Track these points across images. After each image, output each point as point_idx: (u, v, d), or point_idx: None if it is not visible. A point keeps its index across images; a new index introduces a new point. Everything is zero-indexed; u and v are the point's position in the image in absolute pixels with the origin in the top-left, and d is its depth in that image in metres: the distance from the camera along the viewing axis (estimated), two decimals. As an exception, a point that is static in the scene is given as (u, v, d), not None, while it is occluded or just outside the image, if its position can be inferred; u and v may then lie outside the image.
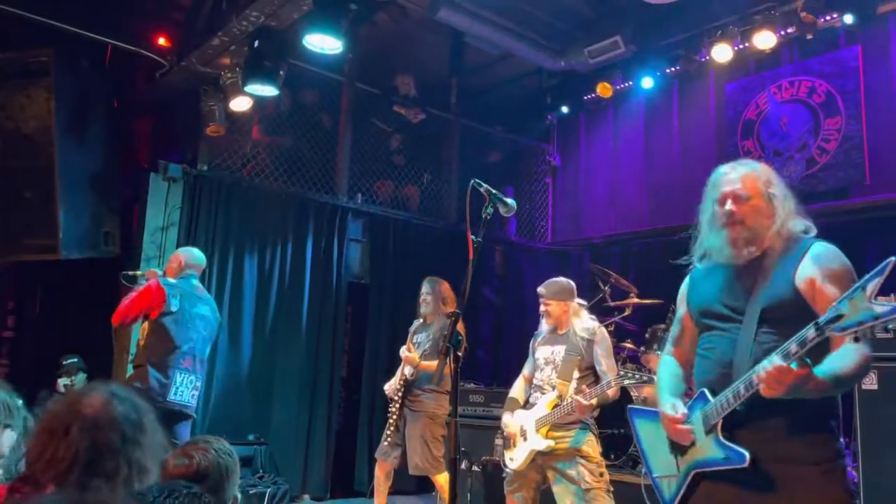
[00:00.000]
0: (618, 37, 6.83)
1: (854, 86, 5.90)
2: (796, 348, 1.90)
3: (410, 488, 6.96)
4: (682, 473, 2.24)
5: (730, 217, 2.21)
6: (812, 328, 1.88)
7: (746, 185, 2.23)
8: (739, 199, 2.22)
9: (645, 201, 7.47)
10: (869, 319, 1.74)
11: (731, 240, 2.22)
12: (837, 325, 1.81)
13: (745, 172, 2.26)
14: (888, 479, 3.97)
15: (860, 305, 1.76)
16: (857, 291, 1.78)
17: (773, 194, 2.23)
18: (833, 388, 2.00)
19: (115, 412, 1.57)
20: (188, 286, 4.66)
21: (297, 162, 6.83)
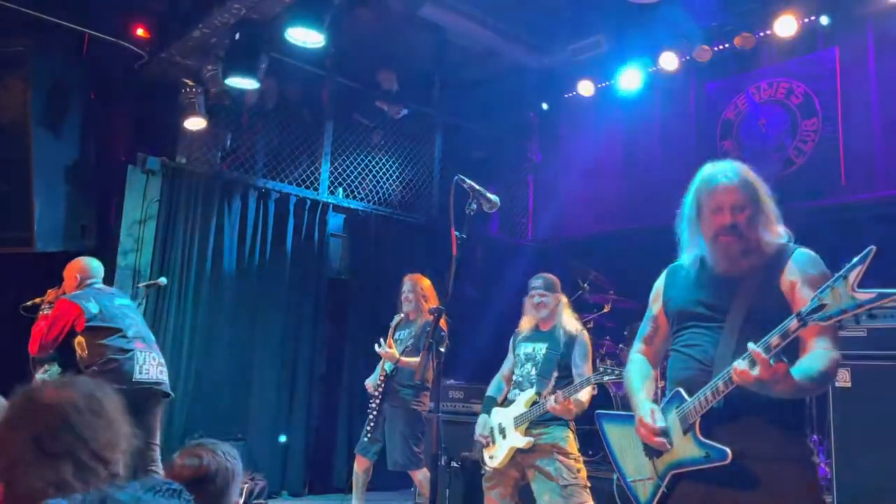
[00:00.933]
0: (600, 35, 6.87)
1: (831, 88, 5.99)
2: (778, 339, 1.92)
3: (389, 484, 6.96)
4: (659, 475, 2.23)
5: (729, 230, 2.17)
6: (794, 319, 1.90)
7: (744, 194, 2.19)
8: (737, 209, 2.17)
9: (625, 199, 7.52)
10: (852, 307, 1.76)
11: (729, 254, 2.19)
12: (820, 315, 1.82)
13: (741, 180, 2.20)
14: (862, 476, 4.03)
15: (842, 294, 1.78)
16: (838, 281, 1.80)
17: (763, 202, 2.22)
18: (799, 391, 2.00)
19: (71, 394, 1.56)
20: (95, 290, 4.59)
21: (278, 156, 6.79)
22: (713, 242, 2.21)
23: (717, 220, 2.19)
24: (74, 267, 4.68)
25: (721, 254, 2.20)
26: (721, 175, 2.23)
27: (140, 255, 5.97)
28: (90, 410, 1.55)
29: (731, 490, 2.07)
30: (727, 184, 2.20)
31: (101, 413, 1.57)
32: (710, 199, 2.22)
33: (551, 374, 3.83)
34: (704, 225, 2.24)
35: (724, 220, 2.18)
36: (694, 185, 2.31)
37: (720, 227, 2.18)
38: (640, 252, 7.10)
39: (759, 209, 2.20)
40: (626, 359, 5.66)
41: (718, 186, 2.21)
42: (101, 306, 4.43)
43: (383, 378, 4.92)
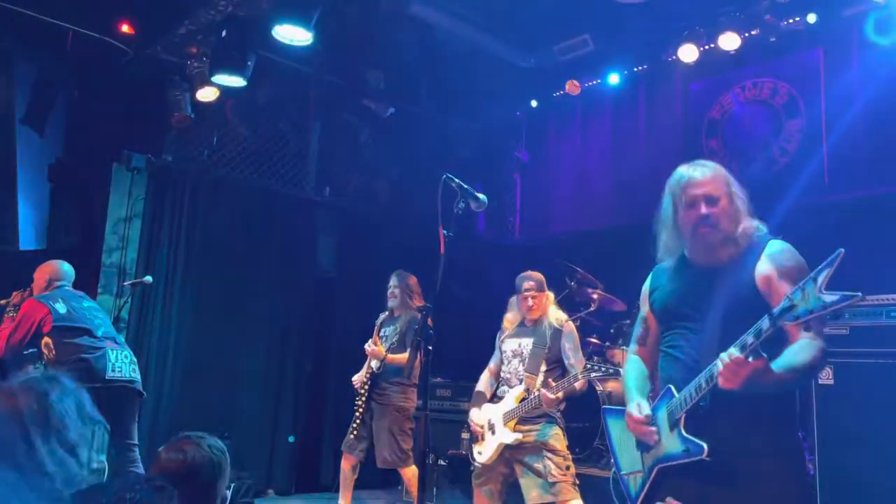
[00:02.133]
0: (586, 35, 6.90)
1: (815, 88, 6.05)
2: (753, 339, 1.96)
3: (376, 482, 6.96)
4: (646, 469, 2.29)
5: (705, 220, 2.22)
6: (766, 319, 1.94)
7: (715, 186, 2.25)
8: (711, 201, 2.23)
9: (612, 198, 7.55)
10: (819, 308, 1.80)
11: (707, 244, 2.24)
12: (790, 315, 1.87)
13: (712, 174, 2.27)
14: (844, 472, 4.09)
15: (811, 295, 1.82)
16: (808, 283, 1.84)
17: (735, 194, 2.27)
18: (790, 381, 2.04)
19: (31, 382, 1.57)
20: (63, 291, 4.57)
21: (265, 154, 6.76)
22: (692, 236, 2.27)
23: (693, 214, 2.24)
24: (45, 269, 4.66)
25: (700, 245, 2.26)
26: (692, 171, 2.29)
27: (125, 253, 5.93)
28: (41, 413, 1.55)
29: (721, 487, 2.10)
30: (699, 178, 2.26)
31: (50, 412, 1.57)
32: (684, 195, 2.27)
33: (538, 369, 3.85)
34: (682, 221, 2.29)
35: (699, 211, 2.23)
36: (668, 186, 2.36)
37: (697, 218, 2.23)
38: (627, 250, 7.13)
39: (731, 201, 2.25)
40: (611, 356, 5.71)
41: (691, 181, 2.27)
42: (69, 307, 4.40)
43: (369, 375, 4.92)
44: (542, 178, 8.40)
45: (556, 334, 3.92)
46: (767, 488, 2.06)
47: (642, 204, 6.84)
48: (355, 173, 7.52)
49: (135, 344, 5.79)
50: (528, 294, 4.00)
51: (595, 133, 7.88)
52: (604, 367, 3.75)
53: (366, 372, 4.98)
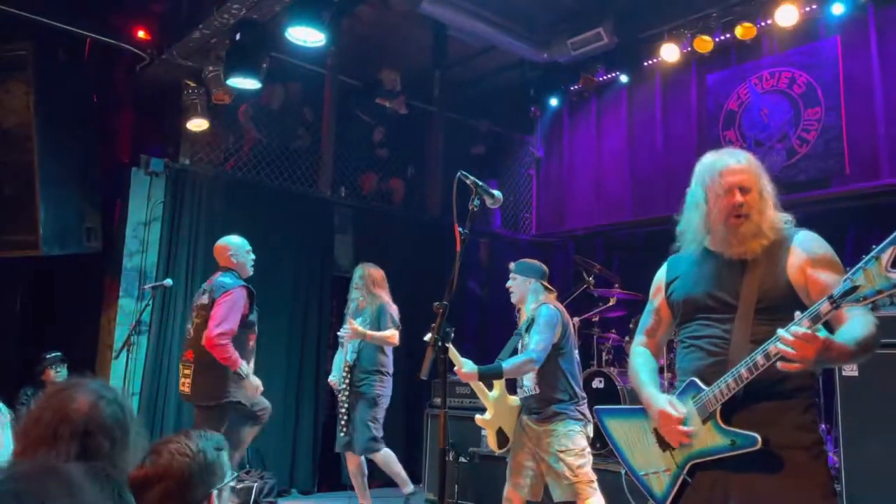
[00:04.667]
0: (600, 28, 6.85)
1: (833, 76, 5.97)
2: (808, 323, 1.89)
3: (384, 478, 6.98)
4: (678, 466, 2.22)
5: (739, 209, 2.17)
6: (826, 301, 1.88)
7: (750, 176, 2.20)
8: (745, 191, 2.18)
9: (628, 192, 7.50)
10: (888, 287, 1.76)
11: (740, 233, 2.18)
12: (855, 296, 1.81)
13: (747, 163, 2.22)
14: (869, 464, 4.04)
15: (876, 275, 1.78)
16: (870, 262, 1.79)
17: (765, 186, 2.22)
18: (856, 354, 1.96)
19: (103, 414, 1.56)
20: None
21: (281, 155, 6.80)
22: (724, 224, 2.20)
23: (727, 202, 2.18)
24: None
25: (732, 235, 2.19)
26: (727, 158, 2.24)
27: (145, 256, 5.99)
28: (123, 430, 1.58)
29: (744, 475, 2.08)
30: (735, 166, 2.21)
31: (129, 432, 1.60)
32: (718, 182, 2.21)
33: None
34: (713, 209, 2.23)
35: (733, 200, 2.17)
36: (698, 173, 2.30)
37: (731, 206, 2.17)
38: (644, 245, 7.13)
39: (762, 193, 2.21)
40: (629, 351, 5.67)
41: (726, 169, 2.21)
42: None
43: (348, 370, 4.99)
44: (558, 174, 8.36)
45: (531, 321, 3.90)
46: (796, 479, 2.04)
47: (658, 198, 6.86)
48: (371, 173, 7.55)
49: (156, 346, 5.86)
50: (510, 282, 4.06)
51: (610, 127, 7.83)
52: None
53: (343, 368, 5.04)
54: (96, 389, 1.61)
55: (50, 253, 5.57)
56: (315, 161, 7.00)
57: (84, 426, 1.52)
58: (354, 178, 7.36)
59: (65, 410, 1.54)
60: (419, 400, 6.87)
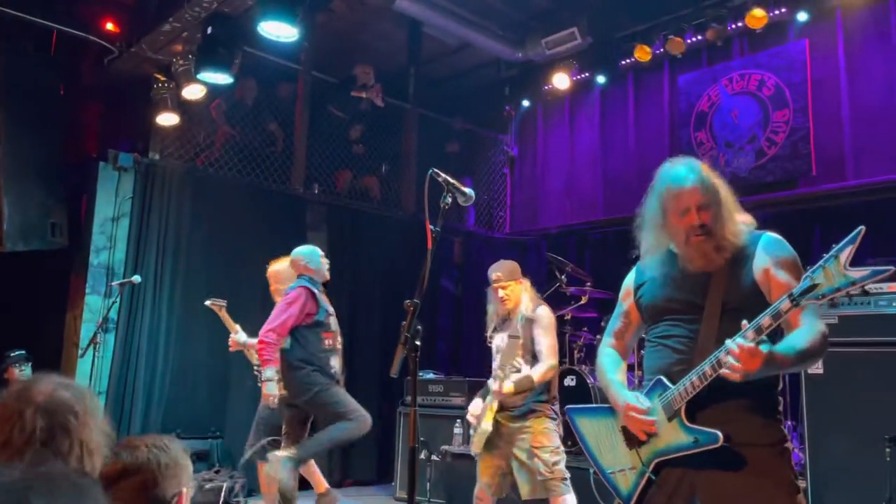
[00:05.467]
0: (574, 28, 6.90)
1: (801, 79, 6.07)
2: (769, 321, 1.94)
3: (370, 478, 6.97)
4: (643, 464, 2.25)
5: (699, 230, 2.18)
6: (786, 299, 1.92)
7: (706, 193, 2.20)
8: (703, 207, 2.18)
9: (600, 191, 7.56)
10: (846, 285, 1.80)
11: (703, 251, 2.19)
12: (814, 293, 1.85)
13: (701, 181, 2.21)
14: (833, 460, 4.12)
15: (835, 273, 1.82)
16: (829, 261, 1.83)
17: (723, 196, 2.24)
18: (798, 364, 2.04)
19: (64, 396, 1.63)
20: None
21: (253, 151, 6.73)
22: (685, 244, 2.22)
23: (685, 222, 2.20)
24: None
25: (695, 253, 2.21)
26: (681, 177, 2.23)
27: (113, 253, 5.90)
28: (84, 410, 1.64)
29: (709, 473, 2.11)
30: (689, 186, 2.20)
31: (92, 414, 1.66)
32: (674, 203, 2.22)
33: (511, 362, 3.83)
34: (671, 228, 2.25)
35: (692, 220, 2.19)
36: (655, 189, 2.30)
37: (690, 227, 2.19)
38: (616, 244, 7.19)
39: (721, 204, 2.22)
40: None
41: (682, 189, 2.21)
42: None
43: (257, 368, 4.75)
44: (532, 173, 8.40)
45: (528, 323, 3.89)
46: (761, 477, 2.07)
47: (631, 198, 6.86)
48: (345, 170, 7.50)
49: (124, 344, 5.77)
50: (496, 286, 3.96)
51: (583, 127, 7.89)
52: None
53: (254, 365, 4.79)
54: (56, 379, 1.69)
55: (13, 248, 5.45)
56: (288, 157, 6.94)
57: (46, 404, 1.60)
58: (328, 175, 7.31)
59: (27, 393, 1.61)
60: (392, 398, 6.87)
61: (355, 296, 7.19)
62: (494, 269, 4.02)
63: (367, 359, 7.12)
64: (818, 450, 4.20)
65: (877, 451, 3.86)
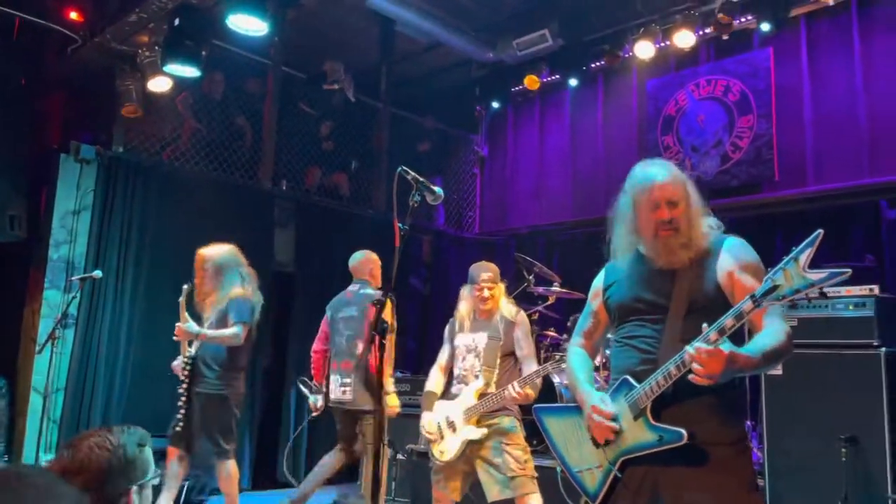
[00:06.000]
0: (545, 30, 6.94)
1: (765, 86, 6.19)
2: (732, 321, 1.98)
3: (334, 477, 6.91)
4: (609, 462, 2.27)
5: (668, 224, 2.23)
6: (748, 300, 1.96)
7: (676, 189, 2.25)
8: (672, 204, 2.24)
9: (569, 193, 7.63)
10: (805, 286, 1.84)
11: (668, 247, 2.24)
12: (775, 295, 1.89)
13: (672, 177, 2.27)
14: (791, 459, 4.21)
15: (794, 275, 1.86)
16: (789, 263, 1.87)
17: (692, 195, 2.29)
18: (763, 364, 2.07)
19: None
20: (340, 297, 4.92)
21: (221, 145, 6.63)
22: (653, 238, 2.27)
23: (655, 217, 2.25)
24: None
25: (662, 248, 2.26)
26: (654, 173, 2.29)
27: (73, 247, 5.76)
28: None
29: (672, 470, 2.14)
30: (661, 181, 2.26)
31: None
32: (646, 197, 2.27)
33: (495, 363, 3.83)
34: (642, 223, 2.30)
35: (661, 215, 2.24)
36: (627, 186, 2.36)
37: (659, 222, 2.24)
38: (584, 245, 7.25)
39: (689, 204, 2.27)
40: (568, 349, 5.74)
41: (654, 184, 2.26)
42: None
43: (188, 360, 4.46)
44: (502, 173, 8.44)
45: (510, 326, 3.89)
46: (723, 475, 2.11)
47: (599, 199, 6.98)
48: (315, 166, 7.44)
49: (83, 341, 5.65)
50: (484, 285, 3.94)
51: (553, 128, 7.95)
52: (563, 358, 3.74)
53: (184, 356, 4.50)
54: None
55: (-30, 241, 5.31)
56: (256, 153, 6.86)
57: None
58: (297, 172, 7.24)
59: None
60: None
61: (324, 293, 7.11)
62: (482, 269, 4.00)
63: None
64: (776, 449, 4.29)
65: (833, 450, 3.95)
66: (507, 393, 3.66)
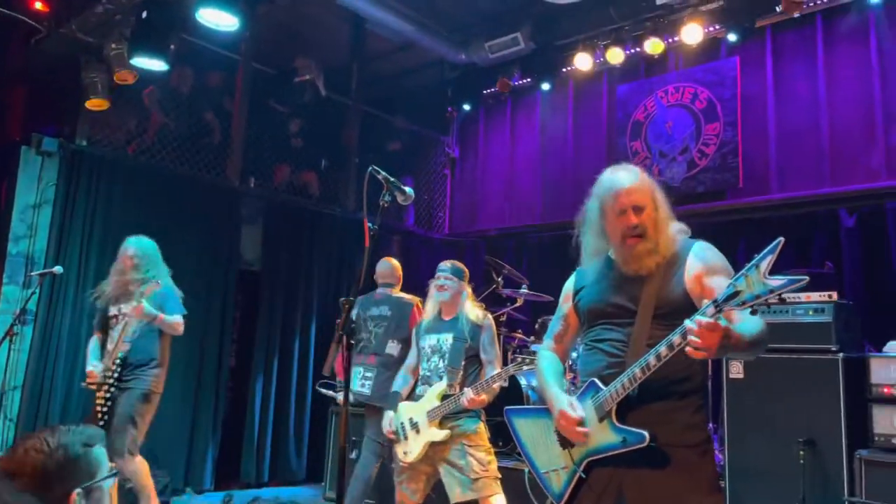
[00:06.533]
0: (517, 33, 6.97)
1: (732, 95, 6.30)
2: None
3: (299, 478, 6.87)
4: (575, 464, 2.30)
5: (634, 230, 2.26)
6: (710, 305, 1.99)
7: (643, 194, 2.28)
8: (639, 210, 2.27)
9: (539, 196, 7.67)
10: (765, 292, 1.88)
11: (636, 252, 2.27)
12: (736, 300, 1.93)
13: (639, 182, 2.30)
14: (751, 461, 4.29)
15: (755, 281, 1.90)
16: (751, 269, 1.91)
17: (659, 200, 2.32)
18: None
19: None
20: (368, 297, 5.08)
21: (187, 141, 6.53)
22: (621, 244, 2.30)
23: (622, 222, 2.28)
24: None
25: (629, 255, 2.29)
26: (621, 179, 2.32)
27: (34, 241, 5.63)
28: None
29: (636, 471, 2.17)
30: (627, 186, 2.29)
31: None
32: (613, 203, 2.30)
33: (460, 364, 3.83)
34: (610, 228, 2.33)
35: (629, 221, 2.26)
36: (596, 192, 2.38)
37: (626, 228, 2.27)
38: (552, 248, 7.30)
39: (656, 208, 2.31)
40: (536, 351, 5.78)
41: (621, 190, 2.29)
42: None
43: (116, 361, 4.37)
44: (472, 175, 8.46)
45: (476, 329, 3.91)
46: (686, 476, 2.14)
47: (568, 203, 7.03)
48: (284, 164, 7.36)
49: (42, 337, 5.52)
50: (440, 275, 3.99)
51: (524, 131, 7.99)
52: (527, 360, 3.76)
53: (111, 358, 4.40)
54: None
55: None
56: (224, 149, 6.76)
57: None
58: (266, 169, 7.16)
59: None
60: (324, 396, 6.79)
61: (291, 292, 7.08)
62: (443, 263, 4.08)
63: (300, 356, 7.03)
64: (737, 451, 4.37)
65: (792, 453, 4.04)
66: (462, 399, 3.68)
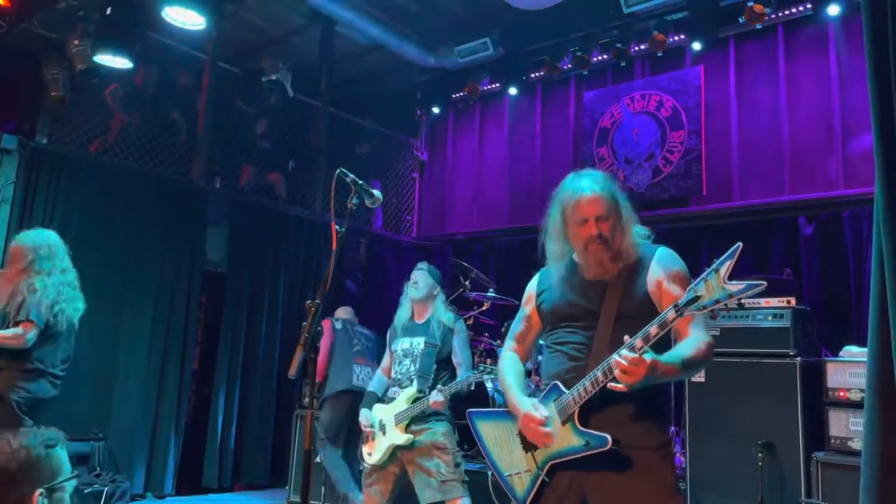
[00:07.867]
0: (487, 38, 7.02)
1: (696, 103, 6.43)
2: (656, 329, 2.05)
3: (263, 482, 6.80)
4: (538, 467, 2.31)
5: (596, 239, 2.28)
6: (671, 309, 2.03)
7: (606, 203, 2.30)
8: (602, 219, 2.29)
9: (507, 200, 7.72)
10: (724, 297, 1.93)
11: (598, 259, 2.30)
12: (696, 305, 1.97)
13: (601, 191, 2.32)
14: (712, 464, 4.37)
15: (715, 286, 1.94)
16: (710, 274, 1.95)
17: (622, 207, 2.35)
18: (683, 372, 2.16)
19: None
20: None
21: (152, 140, 6.42)
22: (583, 252, 2.33)
23: (584, 231, 2.30)
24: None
25: (592, 261, 2.32)
26: (583, 187, 2.34)
27: (-8, 241, 5.48)
28: None
29: (597, 474, 2.19)
30: (590, 195, 2.31)
31: None
32: (575, 212, 2.32)
33: (431, 368, 3.85)
34: (572, 236, 2.36)
35: (590, 230, 2.29)
36: (558, 198, 2.40)
37: (588, 237, 2.30)
38: (520, 252, 7.36)
39: (619, 216, 2.33)
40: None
41: (582, 198, 2.31)
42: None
43: None
44: (441, 179, 8.47)
45: (448, 333, 3.94)
46: (645, 479, 2.17)
47: (535, 208, 7.09)
48: (250, 164, 7.28)
49: (-1, 339, 5.36)
50: (414, 274, 4.04)
51: (492, 136, 8.04)
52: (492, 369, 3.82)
53: None
54: None
55: None
56: (190, 149, 6.67)
57: None
58: (232, 169, 7.08)
59: None
60: (289, 400, 6.73)
61: (256, 294, 7.00)
62: (421, 263, 4.12)
63: (265, 359, 6.96)
64: (698, 454, 4.44)
65: (751, 455, 4.12)
66: (431, 399, 3.70)
